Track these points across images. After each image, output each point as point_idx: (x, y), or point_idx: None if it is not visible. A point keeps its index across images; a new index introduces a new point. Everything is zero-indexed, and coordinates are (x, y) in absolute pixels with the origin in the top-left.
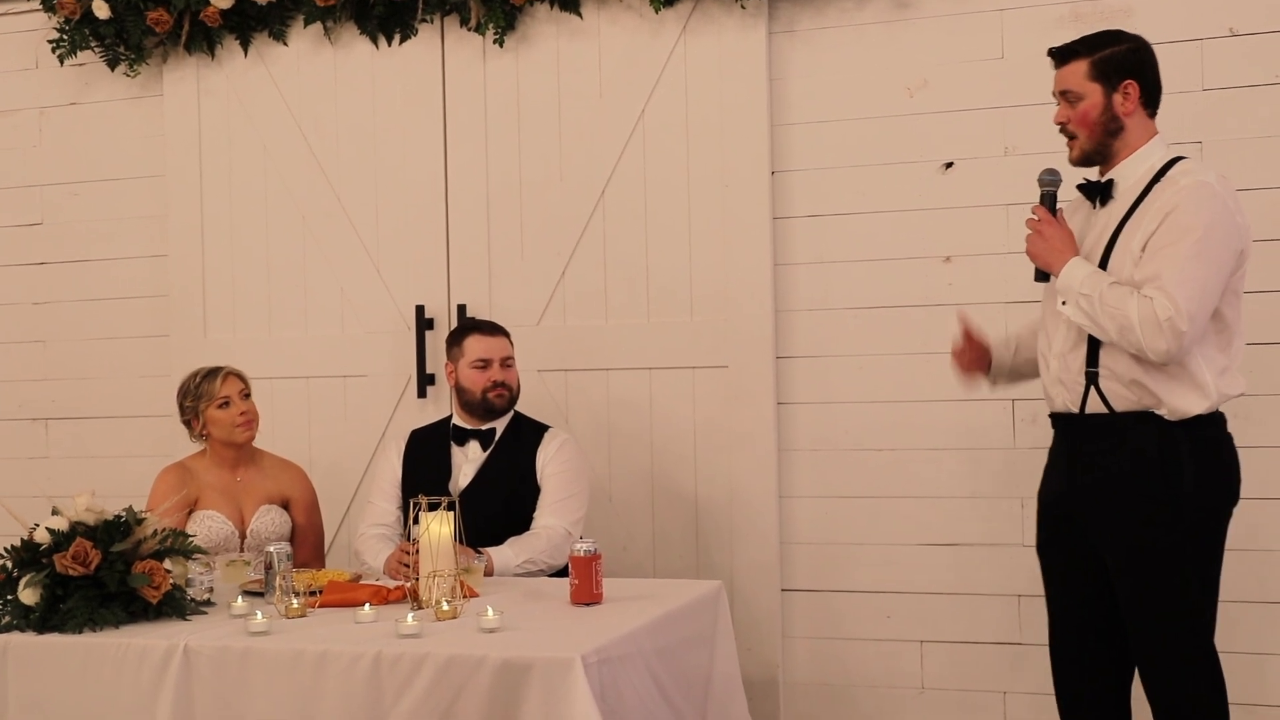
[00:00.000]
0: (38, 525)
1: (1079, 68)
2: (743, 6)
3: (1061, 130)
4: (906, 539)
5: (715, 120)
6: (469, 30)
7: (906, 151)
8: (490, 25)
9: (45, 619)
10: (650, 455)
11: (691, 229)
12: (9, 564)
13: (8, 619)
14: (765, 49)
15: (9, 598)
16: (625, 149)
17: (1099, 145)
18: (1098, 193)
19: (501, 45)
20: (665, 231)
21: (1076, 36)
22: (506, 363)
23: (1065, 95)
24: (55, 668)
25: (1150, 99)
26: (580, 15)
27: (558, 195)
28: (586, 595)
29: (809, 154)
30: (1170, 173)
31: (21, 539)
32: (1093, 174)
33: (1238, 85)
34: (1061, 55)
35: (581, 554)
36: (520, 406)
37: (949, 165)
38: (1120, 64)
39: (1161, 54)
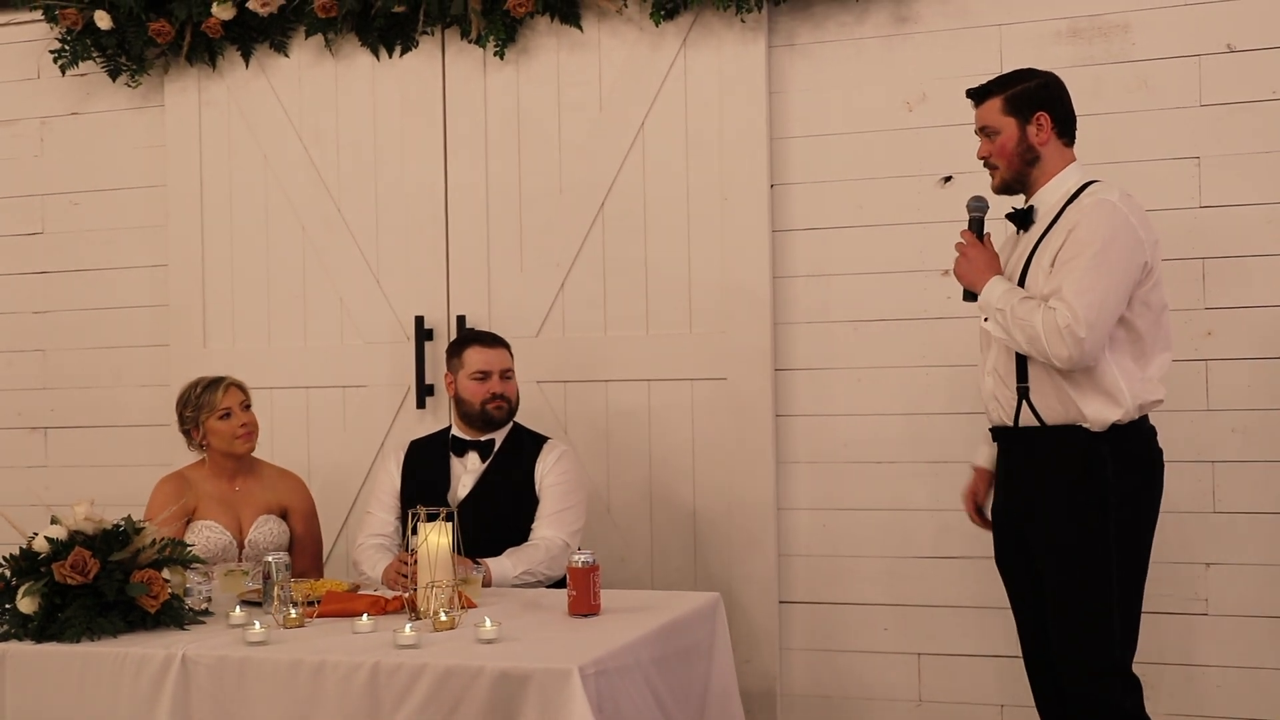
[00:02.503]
0: (36, 534)
1: (994, 104)
2: (742, 20)
3: (985, 164)
4: (904, 551)
5: (715, 133)
6: (469, 43)
7: (905, 165)
8: (491, 38)
9: (43, 628)
10: (649, 467)
11: (691, 241)
12: (7, 573)
13: (6, 628)
14: (765, 63)
15: (7, 606)
16: (625, 161)
17: (1018, 174)
18: (1021, 219)
19: (502, 58)
20: (664, 244)
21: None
22: (506, 375)
23: (984, 131)
24: (53, 677)
25: (1064, 129)
26: (581, 28)
27: (557, 207)
28: (584, 606)
29: (808, 167)
30: (1081, 194)
31: (20, 548)
32: (1019, 203)
33: (1236, 101)
34: (978, 95)
35: (579, 565)
36: (519, 417)
37: (948, 179)
38: (1031, 98)
39: (1159, 70)
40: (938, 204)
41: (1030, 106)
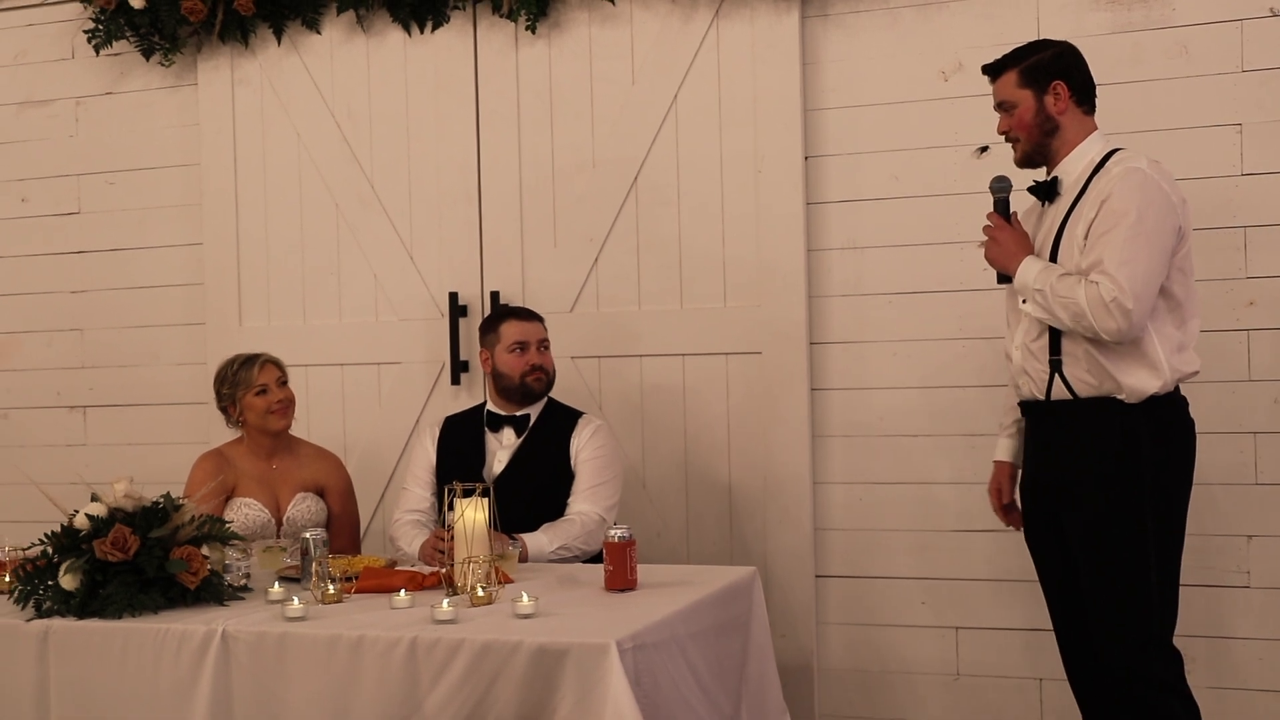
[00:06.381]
0: (77, 512)
1: (1010, 78)
2: None
3: (1006, 138)
4: (940, 525)
5: (748, 105)
6: (501, 17)
7: (941, 136)
8: (522, 12)
9: (85, 604)
10: (684, 441)
11: (725, 215)
12: (50, 550)
13: (48, 604)
14: (798, 33)
15: (50, 583)
16: (658, 135)
17: (1038, 146)
18: (1045, 191)
19: (534, 32)
20: (698, 217)
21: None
22: (543, 346)
23: (1002, 106)
24: (95, 652)
25: (1082, 96)
26: (613, 1)
27: (590, 181)
28: (621, 581)
29: (842, 139)
30: (1107, 163)
31: (61, 525)
32: (1042, 175)
33: (1278, 67)
34: (993, 70)
35: (616, 540)
36: (553, 393)
37: (983, 150)
38: (1046, 68)
39: (1201, 35)
40: (973, 175)
41: (1046, 76)
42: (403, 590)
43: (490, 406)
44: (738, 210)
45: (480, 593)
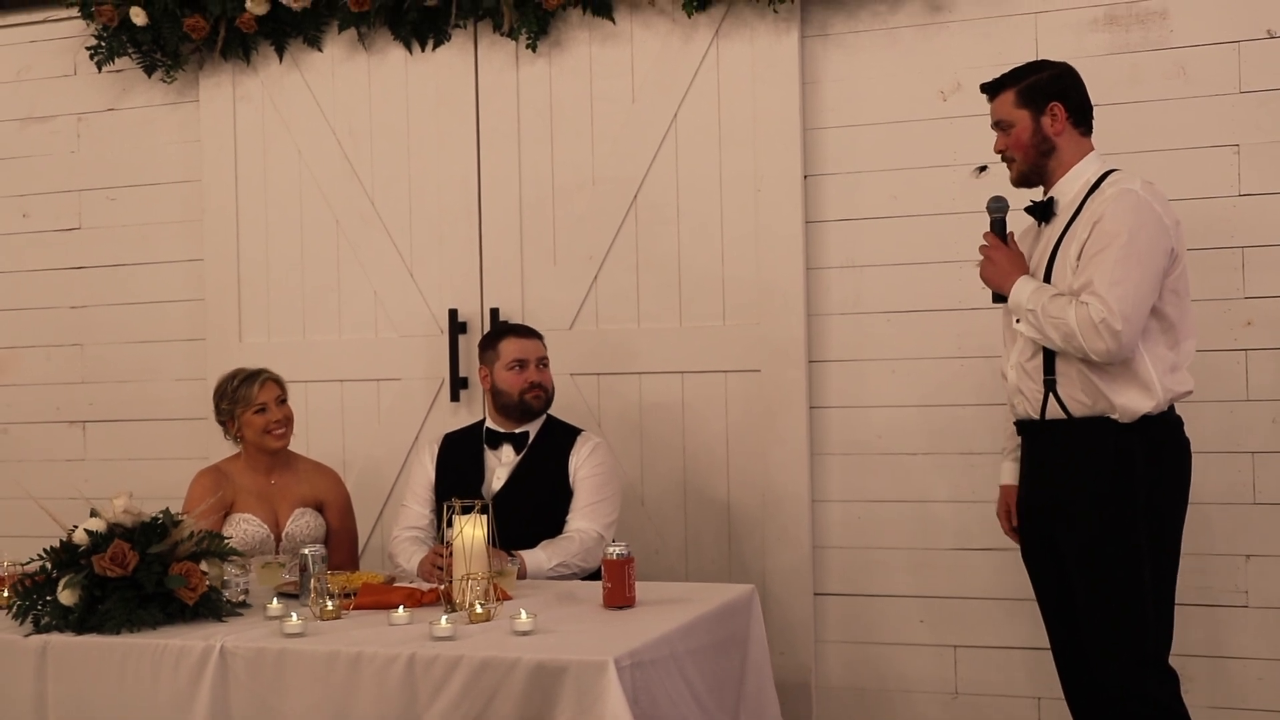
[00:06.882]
0: (76, 527)
1: (1007, 98)
2: (775, 10)
3: (1002, 157)
4: (939, 543)
5: (748, 124)
6: (502, 35)
7: (940, 155)
8: (523, 30)
9: (84, 619)
10: (682, 459)
11: (724, 233)
12: (48, 565)
13: (47, 619)
14: (798, 53)
15: (48, 598)
16: (658, 153)
17: (1034, 166)
18: (1041, 211)
19: (534, 50)
20: (698, 235)
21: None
22: (542, 364)
23: (999, 125)
24: (94, 668)
25: (1079, 118)
26: (613, 20)
27: (590, 199)
28: (619, 598)
29: (842, 158)
30: (1101, 184)
31: (60, 540)
32: (1039, 195)
33: (1276, 88)
34: (991, 89)
35: (614, 557)
36: (553, 410)
37: (982, 169)
38: (1044, 89)
39: (1198, 56)
40: (972, 194)
41: (1043, 97)
42: (401, 607)
43: (489, 423)
44: (737, 229)
45: (479, 609)
